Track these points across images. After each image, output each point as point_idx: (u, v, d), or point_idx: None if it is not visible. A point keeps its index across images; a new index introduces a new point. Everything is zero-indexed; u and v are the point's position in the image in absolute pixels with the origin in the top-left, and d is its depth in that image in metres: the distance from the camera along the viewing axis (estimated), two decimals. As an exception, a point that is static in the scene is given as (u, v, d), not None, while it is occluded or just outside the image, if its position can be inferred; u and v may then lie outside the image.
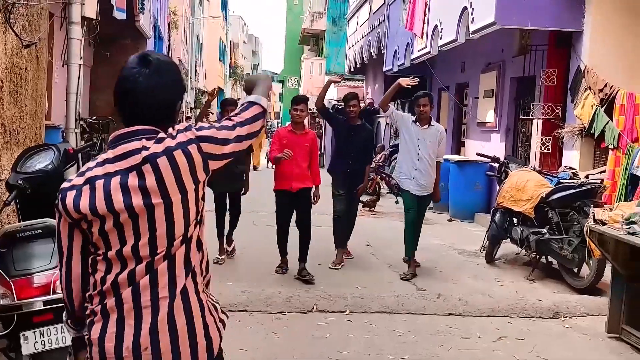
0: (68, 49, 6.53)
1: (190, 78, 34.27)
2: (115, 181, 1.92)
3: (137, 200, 1.91)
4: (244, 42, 75.04)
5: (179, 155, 1.93)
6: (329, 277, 6.82)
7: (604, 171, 8.00)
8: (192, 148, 1.95)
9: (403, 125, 7.11)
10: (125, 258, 1.94)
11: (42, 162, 4.20)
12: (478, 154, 9.29)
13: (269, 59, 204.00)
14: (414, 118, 7.10)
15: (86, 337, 1.99)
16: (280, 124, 50.43)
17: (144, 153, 1.92)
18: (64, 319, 2.19)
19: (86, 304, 2.01)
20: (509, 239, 7.71)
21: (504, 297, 6.22)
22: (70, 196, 1.94)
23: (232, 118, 2.10)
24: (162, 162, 1.92)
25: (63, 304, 2.15)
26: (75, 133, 6.78)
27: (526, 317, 5.77)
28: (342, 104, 8.12)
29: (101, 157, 1.99)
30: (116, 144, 1.96)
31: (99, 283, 1.96)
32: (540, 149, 9.42)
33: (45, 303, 3.31)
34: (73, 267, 2.04)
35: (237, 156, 2.13)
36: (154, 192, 1.92)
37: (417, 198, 7.03)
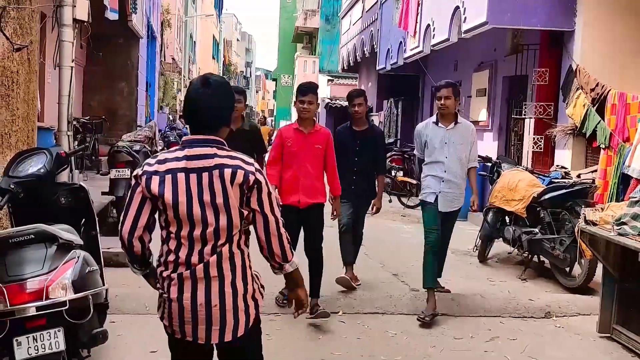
0: (60, 52, 6.52)
1: (184, 77, 34.21)
2: (193, 178, 2.52)
3: (207, 198, 2.52)
4: (238, 39, 74.94)
5: (239, 175, 2.53)
6: (322, 279, 6.80)
7: (595, 170, 8.06)
8: (252, 176, 2.55)
9: (426, 134, 5.89)
10: (194, 240, 2.55)
11: (34, 166, 4.20)
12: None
13: (262, 56, 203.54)
14: (434, 118, 5.91)
15: (162, 293, 2.61)
16: (273, 122, 50.24)
17: (217, 160, 2.53)
18: (129, 263, 2.76)
19: (160, 268, 2.62)
20: (501, 239, 7.75)
21: (496, 297, 6.25)
22: (155, 181, 2.54)
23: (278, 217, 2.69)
24: (227, 172, 2.52)
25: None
26: (68, 135, 6.75)
27: (518, 317, 5.80)
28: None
29: (178, 152, 2.58)
30: (192, 146, 2.56)
31: (173, 252, 2.57)
32: (533, 148, 9.47)
33: (38, 309, 3.30)
34: (137, 229, 2.61)
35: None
36: (219, 193, 2.52)
37: (441, 215, 5.82)
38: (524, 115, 9.85)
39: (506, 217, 7.62)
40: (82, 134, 12.05)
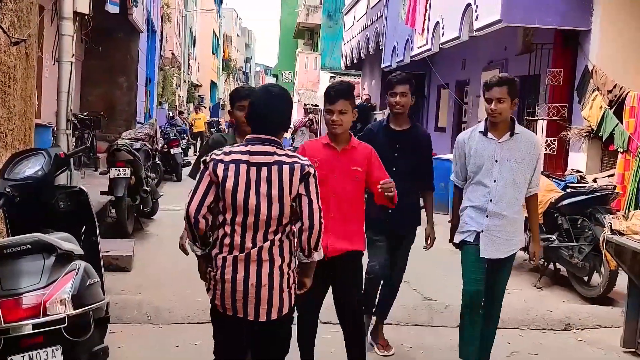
0: (59, 46, 6.24)
1: (183, 72, 33.92)
2: (254, 171, 2.90)
3: (263, 189, 2.89)
4: (237, 35, 74.45)
5: (297, 169, 2.93)
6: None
7: (612, 175, 7.82)
8: (307, 168, 2.95)
9: (470, 146, 4.23)
10: (247, 227, 2.89)
11: (31, 167, 3.95)
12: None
13: (262, 52, 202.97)
14: (482, 127, 4.24)
15: (213, 274, 2.94)
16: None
17: (276, 157, 2.92)
18: (190, 242, 3.04)
19: (215, 250, 2.95)
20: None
21: (513, 307, 5.96)
22: (220, 167, 2.90)
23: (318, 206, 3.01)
24: (285, 168, 2.91)
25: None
26: (67, 134, 6.47)
27: (537, 329, 5.56)
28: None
29: (242, 147, 2.95)
30: (255, 143, 2.95)
31: (228, 236, 2.91)
32: (545, 150, 9.21)
33: (35, 326, 3.02)
34: (204, 207, 2.91)
35: None
36: (275, 186, 2.89)
37: (489, 262, 4.18)
38: (537, 116, 9.59)
39: (521, 223, 7.35)
40: (80, 130, 11.76)
